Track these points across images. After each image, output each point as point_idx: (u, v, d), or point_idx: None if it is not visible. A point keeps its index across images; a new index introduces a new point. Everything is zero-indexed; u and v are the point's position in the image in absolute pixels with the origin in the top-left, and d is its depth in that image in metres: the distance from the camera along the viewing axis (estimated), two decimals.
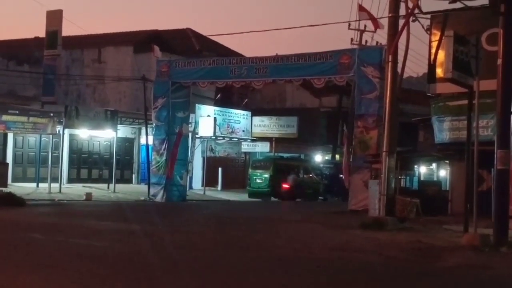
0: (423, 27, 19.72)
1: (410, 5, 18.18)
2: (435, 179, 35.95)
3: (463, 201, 16.73)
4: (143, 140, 34.94)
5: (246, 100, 44.98)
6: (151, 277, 8.98)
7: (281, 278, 9.45)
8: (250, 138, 42.48)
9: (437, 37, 18.43)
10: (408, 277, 10.23)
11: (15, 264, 9.51)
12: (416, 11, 18.29)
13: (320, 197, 36.09)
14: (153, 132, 29.39)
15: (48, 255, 10.74)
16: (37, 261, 9.99)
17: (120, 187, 32.67)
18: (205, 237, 14.62)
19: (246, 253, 12.16)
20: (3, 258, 10.16)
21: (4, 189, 21.30)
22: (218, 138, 39.50)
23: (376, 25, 26.02)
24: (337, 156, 42.28)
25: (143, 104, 31.53)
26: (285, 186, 33.11)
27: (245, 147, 42.68)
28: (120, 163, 35.03)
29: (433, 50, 19.04)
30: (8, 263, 9.56)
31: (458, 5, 17.70)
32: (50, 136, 30.91)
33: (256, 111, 44.08)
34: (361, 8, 26.08)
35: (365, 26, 32.74)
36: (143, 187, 31.52)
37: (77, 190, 29.17)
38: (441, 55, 17.03)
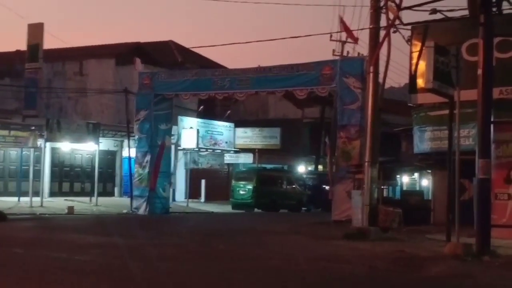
0: (403, 38, 19.79)
1: (391, 16, 18.31)
2: (417, 188, 36.13)
3: (445, 211, 16.79)
4: (125, 153, 34.80)
5: (229, 111, 44.95)
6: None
7: None
8: (233, 149, 42.50)
9: (418, 48, 18.50)
10: (392, 287, 10.23)
11: None
12: (397, 22, 18.40)
13: (303, 208, 36.07)
14: (136, 145, 29.30)
15: (30, 270, 10.61)
16: (19, 275, 9.88)
17: (103, 200, 32.48)
18: (188, 250, 14.56)
19: (230, 265, 12.07)
20: None
21: None
22: (201, 150, 39.44)
23: (353, 37, 26.24)
24: (320, 167, 42.35)
25: (126, 117, 31.42)
26: None
27: (228, 158, 42.62)
28: (102, 176, 34.85)
29: (414, 61, 19.12)
30: None
31: (438, 16, 17.81)
32: (32, 149, 30.72)
33: (239, 123, 44.11)
34: (341, 21, 26.26)
35: (346, 37, 32.89)
36: (126, 200, 31.37)
37: (59, 204, 28.96)
38: (422, 65, 17.10)
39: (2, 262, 11.53)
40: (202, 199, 38.20)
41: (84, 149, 34.73)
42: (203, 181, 38.66)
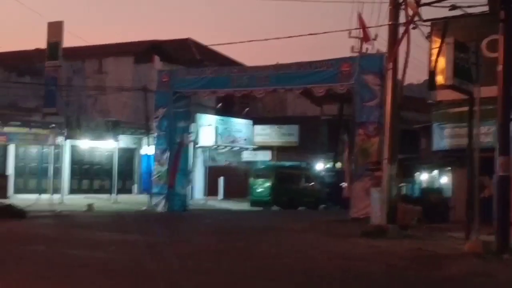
0: (423, 34, 19.70)
1: (410, 12, 18.21)
2: (437, 186, 35.96)
3: (465, 208, 16.74)
4: (144, 150, 34.95)
5: (247, 109, 44.93)
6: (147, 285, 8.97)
7: (285, 287, 9.45)
8: (251, 147, 42.47)
9: (438, 44, 18.35)
10: (410, 285, 10.23)
11: (20, 276, 9.51)
12: (416, 18, 18.30)
13: (321, 205, 36.02)
14: (155, 142, 29.36)
15: (51, 267, 10.73)
16: (40, 272, 9.99)
17: (122, 197, 32.68)
18: (207, 248, 14.59)
19: (249, 262, 12.14)
20: (8, 270, 10.16)
21: (4, 201, 21.20)
22: (219, 147, 39.50)
23: (367, 37, 26.16)
24: (339, 164, 42.24)
25: (144, 114, 31.56)
26: None
27: (246, 156, 42.64)
28: (121, 173, 34.95)
29: (434, 57, 18.95)
30: (13, 275, 9.55)
31: (458, 12, 17.73)
32: (52, 147, 30.93)
33: (257, 120, 44.08)
34: (359, 17, 26.21)
35: (362, 36, 32.75)
36: (145, 197, 31.48)
37: (79, 201, 29.11)
38: (441, 62, 16.99)
39: (26, 259, 11.65)
40: (220, 196, 38.23)
41: (103, 147, 34.92)
42: (221, 179, 38.69)
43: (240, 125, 41.80)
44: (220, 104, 41.62)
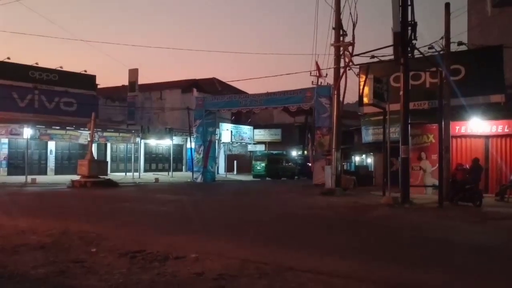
0: (355, 73, 19.75)
1: (347, 60, 18.23)
2: (364, 164, 35.97)
3: (381, 177, 16.78)
4: (188, 145, 34.94)
5: (250, 119, 44.88)
6: (191, 225, 9.03)
7: (275, 224, 9.50)
8: (253, 142, 42.50)
9: (363, 79, 18.42)
10: (349, 223, 10.26)
11: (113, 222, 9.53)
12: (350, 64, 18.31)
13: (295, 177, 36.01)
14: (194, 140, 29.38)
15: (132, 215, 10.78)
16: (126, 219, 10.03)
17: (175, 174, 32.64)
18: (228, 203, 14.66)
19: (253, 210, 12.20)
20: (105, 218, 10.19)
21: (105, 176, 21.31)
22: (234, 143, 39.50)
23: (320, 75, 26.41)
24: (305, 152, 42.21)
25: (188, 124, 31.51)
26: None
27: (250, 147, 42.65)
28: (174, 159, 34.92)
29: (361, 87, 19.04)
30: (108, 221, 9.59)
31: (375, 59, 17.70)
32: (132, 144, 30.95)
33: (256, 126, 44.00)
34: (316, 64, 26.19)
35: (318, 74, 32.66)
36: (189, 173, 31.46)
37: (149, 177, 29.13)
38: (366, 89, 17.04)
39: (116, 211, 11.74)
40: (235, 172, 38.21)
41: (164, 143, 34.84)
42: (235, 161, 38.64)
43: (245, 129, 41.69)
44: (233, 117, 41.60)
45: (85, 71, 32.63)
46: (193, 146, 30.06)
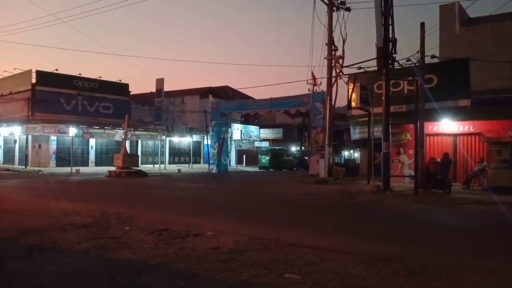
0: (344, 81, 19.64)
1: (338, 70, 18.14)
2: (352, 158, 35.81)
3: (366, 168, 16.72)
4: (205, 142, 34.98)
5: (256, 120, 44.81)
6: (207, 208, 9.05)
7: (278, 208, 9.51)
8: (259, 139, 42.44)
9: (351, 86, 18.31)
10: (340, 207, 10.24)
11: (143, 206, 9.57)
12: (341, 74, 18.22)
13: (294, 168, 35.93)
14: (210, 138, 29.39)
15: (157, 200, 10.84)
16: (154, 203, 10.10)
17: (195, 165, 32.64)
18: (238, 189, 14.70)
19: (259, 196, 12.19)
20: (137, 202, 10.27)
21: (136, 168, 21.42)
22: (243, 140, 39.47)
23: (316, 84, 26.30)
24: (303, 148, 42.10)
25: (205, 124, 31.56)
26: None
27: (256, 144, 42.61)
28: (194, 153, 34.95)
29: (350, 93, 18.94)
30: (138, 205, 9.63)
31: (362, 70, 17.58)
32: (159, 141, 31.04)
33: (262, 126, 43.89)
34: (312, 73, 26.07)
35: (314, 83, 32.57)
36: (206, 165, 31.49)
37: (173, 168, 29.13)
38: (354, 95, 16.94)
39: (145, 196, 11.77)
40: (244, 164, 38.19)
41: (185, 140, 34.87)
42: (244, 155, 38.61)
43: (253, 129, 41.53)
44: (242, 118, 41.53)
45: (120, 80, 32.83)
46: (209, 142, 30.06)
